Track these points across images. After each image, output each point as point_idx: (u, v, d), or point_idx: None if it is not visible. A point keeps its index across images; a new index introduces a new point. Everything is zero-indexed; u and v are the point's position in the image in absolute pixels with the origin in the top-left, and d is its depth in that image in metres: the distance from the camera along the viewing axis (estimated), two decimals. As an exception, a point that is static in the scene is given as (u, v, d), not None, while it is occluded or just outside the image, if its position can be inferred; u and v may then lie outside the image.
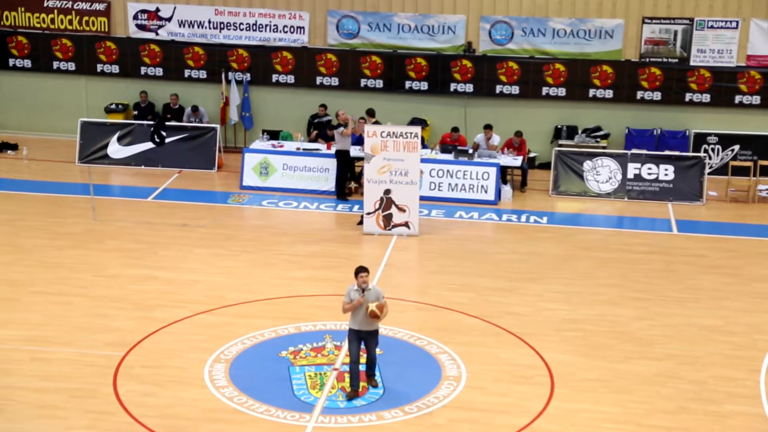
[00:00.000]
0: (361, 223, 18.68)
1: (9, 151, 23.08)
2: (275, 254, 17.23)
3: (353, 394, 12.16)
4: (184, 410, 11.93)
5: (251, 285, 15.77)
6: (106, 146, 22.43)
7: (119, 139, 22.45)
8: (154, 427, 11.51)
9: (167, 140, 22.34)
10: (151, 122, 22.52)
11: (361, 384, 12.29)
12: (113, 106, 23.72)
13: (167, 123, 22.53)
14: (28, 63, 24.35)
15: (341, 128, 20.16)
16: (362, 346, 12.24)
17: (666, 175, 21.05)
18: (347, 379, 12.70)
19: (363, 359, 12.34)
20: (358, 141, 20.62)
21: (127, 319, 14.39)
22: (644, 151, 21.47)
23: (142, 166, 22.26)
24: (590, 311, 15.14)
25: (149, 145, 22.37)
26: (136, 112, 23.48)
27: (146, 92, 23.55)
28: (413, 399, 12.31)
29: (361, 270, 12.00)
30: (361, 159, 19.99)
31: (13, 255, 16.80)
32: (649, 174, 21.09)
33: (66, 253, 16.96)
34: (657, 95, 22.79)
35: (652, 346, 13.99)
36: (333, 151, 20.64)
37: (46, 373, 12.75)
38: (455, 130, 21.75)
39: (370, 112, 21.59)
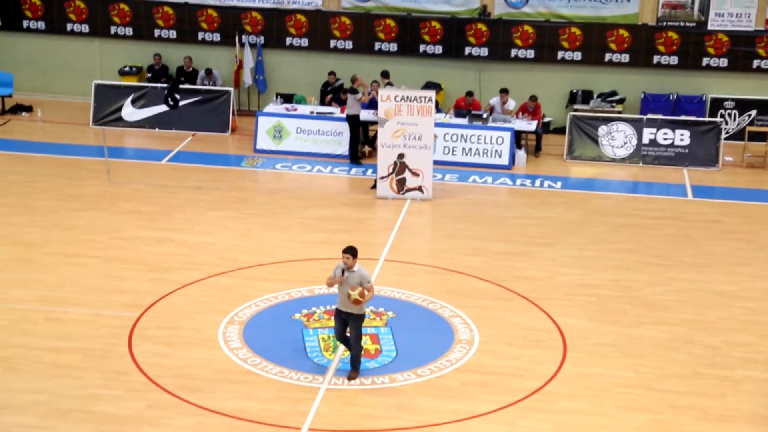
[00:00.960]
0: (374, 187, 18.66)
1: (24, 113, 23.09)
2: (289, 217, 17.25)
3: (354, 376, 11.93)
4: (198, 371, 12.01)
5: (265, 248, 15.80)
6: (120, 109, 22.42)
7: (133, 102, 22.43)
8: (169, 387, 11.61)
9: (181, 103, 22.31)
10: (165, 85, 22.48)
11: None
12: (127, 69, 23.68)
13: (181, 86, 22.48)
14: (41, 25, 24.30)
15: (357, 94, 20.06)
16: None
17: (682, 140, 20.92)
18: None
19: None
20: (372, 105, 20.55)
21: (142, 280, 14.46)
22: (660, 116, 21.32)
23: (156, 129, 22.26)
24: (604, 276, 15.12)
25: (163, 107, 22.35)
26: (149, 75, 23.43)
27: (160, 55, 23.48)
28: (426, 362, 12.36)
29: (344, 251, 11.59)
30: (374, 123, 19.93)
31: (28, 216, 16.86)
32: (665, 139, 20.96)
33: (81, 214, 17.02)
34: (674, 59, 22.59)
35: (665, 311, 13.98)
36: (345, 115, 20.58)
37: (61, 333, 12.85)
38: (469, 94, 21.63)
39: (384, 74, 21.49)
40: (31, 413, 10.97)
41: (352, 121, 20.26)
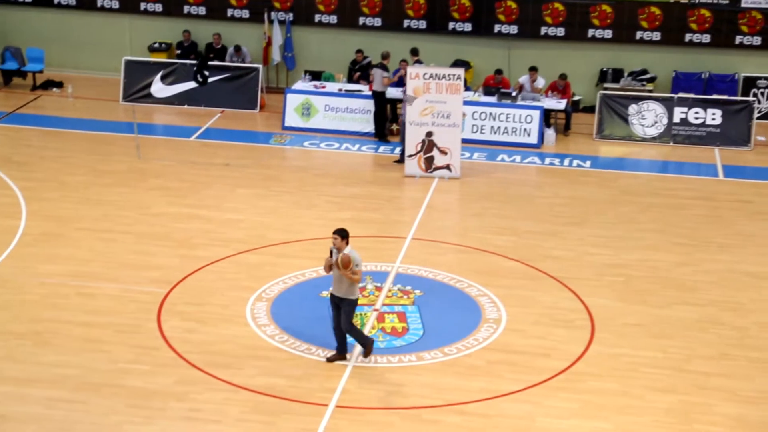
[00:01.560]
0: (398, 161, 18.68)
1: (54, 89, 23.23)
2: (316, 195, 17.27)
3: (335, 357, 11.79)
4: (226, 347, 12.10)
5: (293, 225, 15.85)
6: (149, 85, 22.49)
7: (162, 78, 22.49)
8: (197, 362, 11.70)
9: (210, 80, 22.34)
10: (194, 62, 22.52)
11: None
12: (156, 45, 23.72)
13: (210, 63, 22.51)
14: (72, 1, 24.36)
15: (385, 72, 19.99)
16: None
17: (713, 119, 20.71)
18: (387, 320, 12.81)
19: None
20: (400, 84, 20.48)
21: (171, 256, 14.55)
22: (691, 95, 21.12)
23: (185, 106, 22.31)
24: (632, 256, 15.04)
25: (192, 84, 22.40)
26: (179, 51, 23.46)
27: (189, 31, 23.50)
28: (452, 341, 12.37)
29: (334, 232, 11.47)
30: (400, 101, 19.87)
31: (59, 192, 17.00)
32: (696, 118, 20.76)
33: (111, 190, 17.13)
34: (706, 38, 22.32)
35: (694, 292, 13.90)
36: (371, 91, 20.51)
37: (91, 307, 12.98)
38: (499, 72, 21.51)
39: (414, 51, 21.39)
40: (61, 387, 11.11)
41: (379, 97, 20.20)
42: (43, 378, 11.28)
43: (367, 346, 11.78)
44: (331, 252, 11.49)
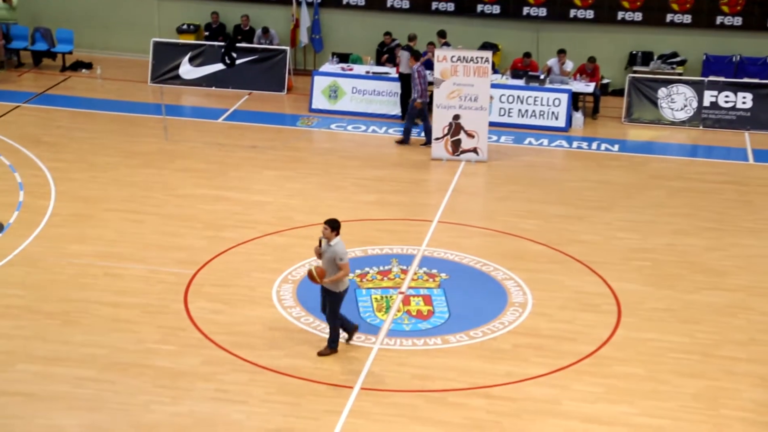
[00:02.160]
0: (425, 144, 18.66)
1: (83, 70, 23.35)
2: (343, 177, 17.28)
3: (325, 352, 11.56)
4: (252, 328, 12.15)
5: (319, 207, 15.86)
6: (177, 67, 22.55)
7: (191, 60, 22.54)
8: (223, 343, 11.76)
9: (238, 62, 22.37)
10: (222, 43, 22.55)
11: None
12: (185, 27, 23.77)
13: (238, 44, 22.54)
14: (101, -18, 24.46)
15: (410, 55, 19.93)
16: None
17: (744, 103, 20.50)
18: (413, 303, 12.81)
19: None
20: (428, 66, 20.39)
21: (198, 238, 14.62)
22: (722, 78, 20.90)
23: (213, 87, 22.36)
24: (660, 240, 14.94)
25: (220, 66, 22.44)
26: (207, 33, 23.49)
27: (217, 13, 23.52)
28: (478, 324, 12.36)
29: (324, 222, 11.21)
30: (429, 84, 19.80)
31: (88, 172, 17.11)
32: (726, 102, 20.55)
33: (138, 171, 17.22)
34: (738, 20, 22.06)
35: (723, 277, 13.80)
36: (398, 73, 20.45)
37: (119, 288, 13.07)
38: (527, 55, 21.37)
39: (441, 34, 21.29)
40: (89, 366, 11.20)
41: (405, 79, 20.14)
42: (71, 357, 11.38)
43: (331, 346, 11.53)
44: (320, 241, 11.29)
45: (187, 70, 22.55)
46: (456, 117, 18.11)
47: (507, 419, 10.46)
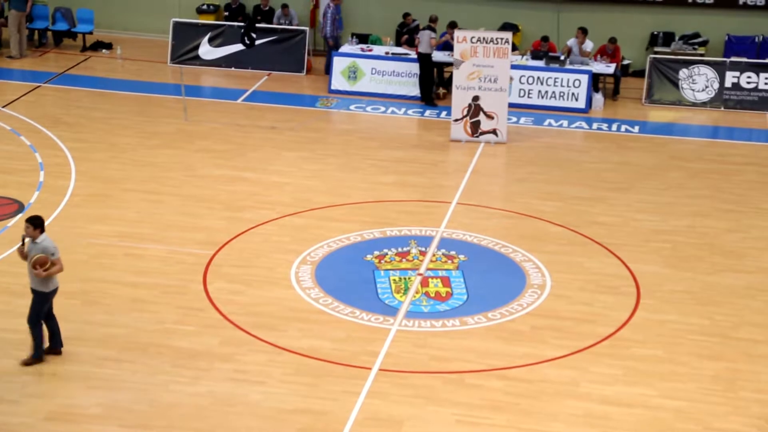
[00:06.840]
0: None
1: (104, 50, 23.39)
2: (362, 158, 17.26)
3: (29, 361, 10.84)
4: (271, 309, 12.19)
5: (338, 189, 15.87)
6: (197, 47, 22.55)
7: (210, 40, 22.54)
8: (242, 324, 11.81)
9: (257, 42, 22.34)
10: (242, 24, 22.53)
11: None
12: (204, 7, 23.75)
13: (257, 25, 22.51)
14: (121, -37, 24.45)
15: (431, 34, 19.85)
16: None
17: (766, 84, 20.30)
18: (431, 285, 12.82)
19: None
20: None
21: (217, 218, 14.66)
22: (744, 59, 20.71)
23: (232, 68, 22.36)
24: (680, 222, 14.87)
25: (239, 46, 22.42)
26: (227, 13, 23.46)
27: (237, -7, 23.50)
28: (497, 306, 12.35)
29: (26, 220, 10.54)
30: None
31: (108, 152, 17.17)
32: (748, 83, 20.37)
33: (158, 152, 17.27)
34: (760, 0, 21.84)
35: (743, 259, 13.72)
36: (417, 53, 20.35)
37: (138, 268, 13.14)
38: (545, 39, 21.18)
39: (452, 25, 21.13)
40: (109, 346, 11.28)
41: (424, 59, 20.06)
42: (91, 337, 11.46)
43: (36, 355, 10.81)
44: (23, 240, 10.63)
45: (206, 50, 22.55)
46: (475, 98, 18.04)
47: (525, 401, 10.47)
